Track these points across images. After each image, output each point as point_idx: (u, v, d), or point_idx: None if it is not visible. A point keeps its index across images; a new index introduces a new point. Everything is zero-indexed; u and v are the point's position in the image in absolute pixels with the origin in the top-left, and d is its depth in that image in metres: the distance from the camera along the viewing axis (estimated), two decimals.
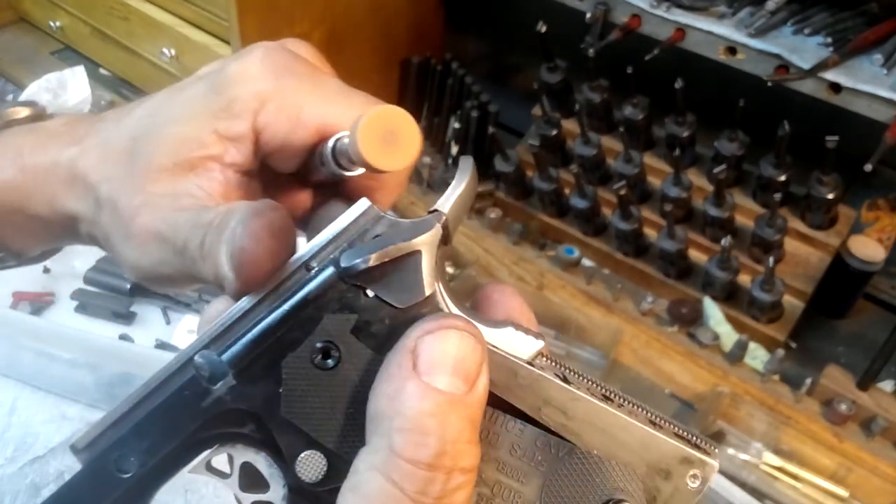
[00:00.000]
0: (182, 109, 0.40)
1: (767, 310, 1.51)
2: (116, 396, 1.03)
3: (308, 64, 0.42)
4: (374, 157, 0.33)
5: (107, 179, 0.40)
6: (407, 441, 0.29)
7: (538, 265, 1.69)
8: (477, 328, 0.31)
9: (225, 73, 0.40)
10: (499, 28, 2.07)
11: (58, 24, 2.28)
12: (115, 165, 0.40)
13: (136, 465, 0.31)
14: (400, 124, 0.34)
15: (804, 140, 1.43)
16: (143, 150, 0.40)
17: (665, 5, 1.47)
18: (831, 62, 1.32)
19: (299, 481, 0.32)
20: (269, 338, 0.31)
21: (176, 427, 0.31)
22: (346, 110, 0.40)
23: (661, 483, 0.33)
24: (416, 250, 0.32)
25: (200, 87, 0.41)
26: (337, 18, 1.85)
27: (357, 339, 0.32)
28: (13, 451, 0.97)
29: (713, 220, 1.58)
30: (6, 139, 0.44)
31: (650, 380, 1.54)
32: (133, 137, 0.41)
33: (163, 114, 0.41)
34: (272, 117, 0.39)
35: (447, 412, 0.29)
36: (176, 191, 0.39)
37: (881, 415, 1.37)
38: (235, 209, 0.35)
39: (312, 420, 0.32)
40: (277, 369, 0.31)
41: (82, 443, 0.31)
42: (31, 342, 1.05)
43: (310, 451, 0.32)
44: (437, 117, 1.96)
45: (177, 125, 0.40)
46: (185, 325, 1.28)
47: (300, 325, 0.32)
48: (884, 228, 1.56)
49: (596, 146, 1.69)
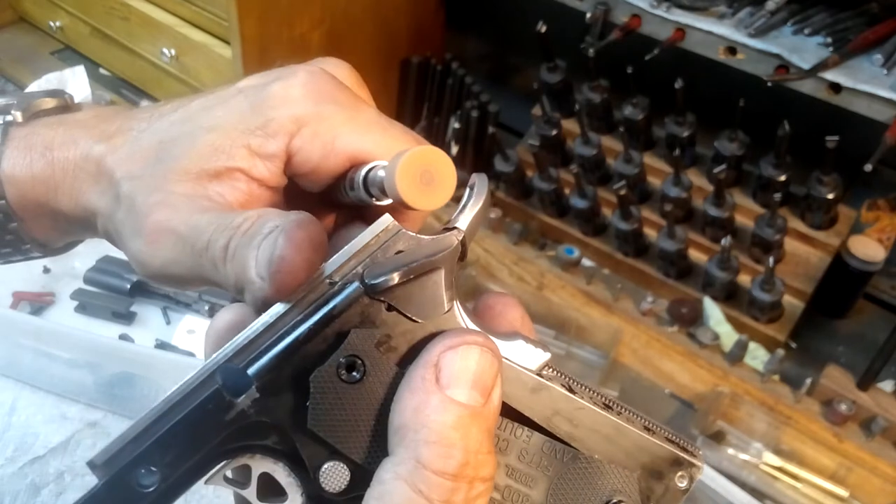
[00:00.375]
0: (217, 121, 0.40)
1: (767, 310, 1.51)
2: (116, 396, 1.03)
3: (348, 92, 0.42)
4: (411, 195, 0.34)
5: (130, 177, 0.40)
6: (433, 453, 0.30)
7: (538, 265, 1.69)
8: (494, 344, 0.33)
9: (267, 91, 0.40)
10: (499, 28, 2.07)
11: (58, 24, 2.28)
12: (140, 165, 0.41)
13: (157, 480, 0.31)
14: (439, 166, 0.34)
15: (804, 140, 1.43)
16: (171, 154, 0.40)
17: (665, 5, 1.47)
18: (831, 62, 1.32)
19: (320, 491, 0.32)
20: (296, 352, 0.32)
21: (199, 440, 0.31)
22: (381, 142, 0.40)
23: (654, 484, 0.35)
24: (437, 267, 0.33)
25: (240, 101, 0.41)
26: (337, 18, 1.85)
27: (380, 352, 0.33)
28: (13, 451, 0.97)
29: (713, 220, 1.58)
30: (37, 130, 0.44)
31: (650, 380, 1.54)
32: (162, 140, 0.41)
33: (197, 121, 0.41)
34: (307, 142, 0.40)
35: (469, 425, 0.31)
36: (196, 193, 0.39)
37: (881, 415, 1.37)
38: (269, 216, 0.35)
39: (337, 432, 0.32)
40: (303, 382, 0.32)
41: (101, 458, 0.31)
42: (32, 342, 1.05)
43: (333, 463, 0.32)
44: (437, 117, 1.96)
45: (209, 134, 0.40)
46: (185, 325, 1.28)
47: (326, 339, 0.32)
48: (884, 228, 1.56)
49: (596, 146, 1.69)
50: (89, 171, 0.42)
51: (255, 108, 0.40)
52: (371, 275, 0.32)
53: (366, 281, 0.32)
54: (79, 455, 0.98)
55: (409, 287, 0.33)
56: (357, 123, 0.40)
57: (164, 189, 0.39)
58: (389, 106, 2.06)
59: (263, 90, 0.41)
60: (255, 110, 0.40)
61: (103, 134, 0.43)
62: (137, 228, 0.39)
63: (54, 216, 0.44)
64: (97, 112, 0.46)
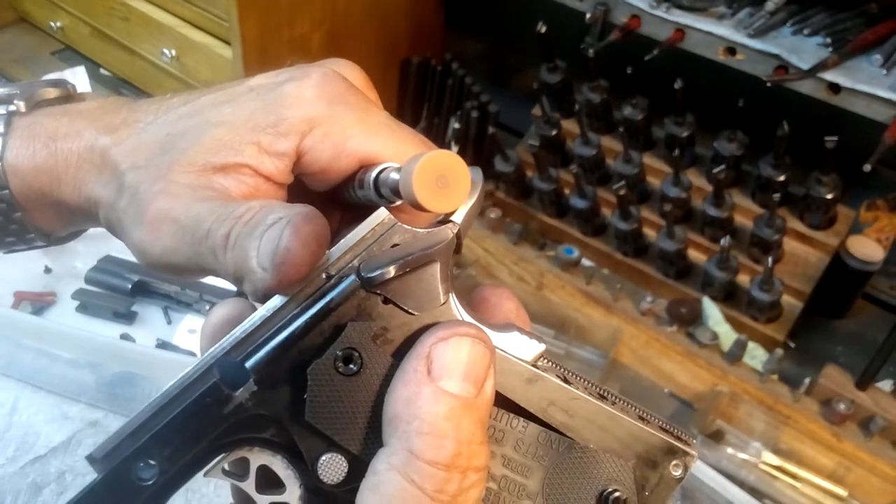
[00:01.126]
0: (227, 116, 0.41)
1: (766, 309, 1.52)
2: (117, 396, 1.03)
3: (359, 94, 0.42)
4: (427, 198, 0.34)
5: (134, 167, 0.41)
6: (425, 443, 0.30)
7: (538, 265, 1.69)
8: (486, 335, 0.33)
9: (280, 91, 0.41)
10: (499, 28, 2.07)
11: (58, 24, 2.29)
12: (146, 156, 0.41)
13: (156, 473, 0.31)
14: (454, 169, 0.35)
15: (803, 140, 1.44)
16: (178, 146, 0.40)
17: (665, 6, 1.47)
18: (830, 62, 1.32)
19: (318, 483, 0.33)
20: (293, 345, 0.32)
21: (198, 434, 0.32)
22: (392, 144, 0.41)
23: (648, 472, 0.36)
24: (433, 260, 0.34)
25: (251, 99, 0.41)
26: (337, 19, 1.85)
27: (377, 345, 0.33)
28: (14, 451, 0.98)
29: (712, 221, 1.58)
30: (40, 120, 0.44)
31: (649, 379, 1.54)
32: (170, 133, 0.41)
33: (206, 116, 0.41)
34: (318, 142, 0.40)
35: (461, 416, 0.31)
36: (199, 183, 0.39)
37: (880, 414, 1.38)
38: (272, 208, 0.35)
39: (335, 424, 0.33)
40: (300, 375, 0.32)
41: (100, 453, 0.31)
42: (33, 342, 1.06)
43: (331, 455, 0.33)
44: (437, 117, 1.97)
45: (217, 129, 0.40)
46: (186, 324, 1.28)
47: (323, 333, 0.32)
48: (882, 228, 1.56)
49: (596, 146, 1.69)
50: (94, 162, 0.42)
51: (268, 106, 0.40)
52: (367, 268, 0.33)
53: (362, 274, 0.33)
54: (80, 454, 0.98)
55: (406, 280, 0.33)
56: (367, 126, 0.41)
57: (167, 178, 0.39)
58: (389, 106, 2.05)
59: (276, 89, 0.41)
60: (268, 108, 0.40)
61: (109, 126, 0.43)
62: (139, 217, 0.39)
63: (57, 206, 0.44)
64: (101, 103, 0.45)
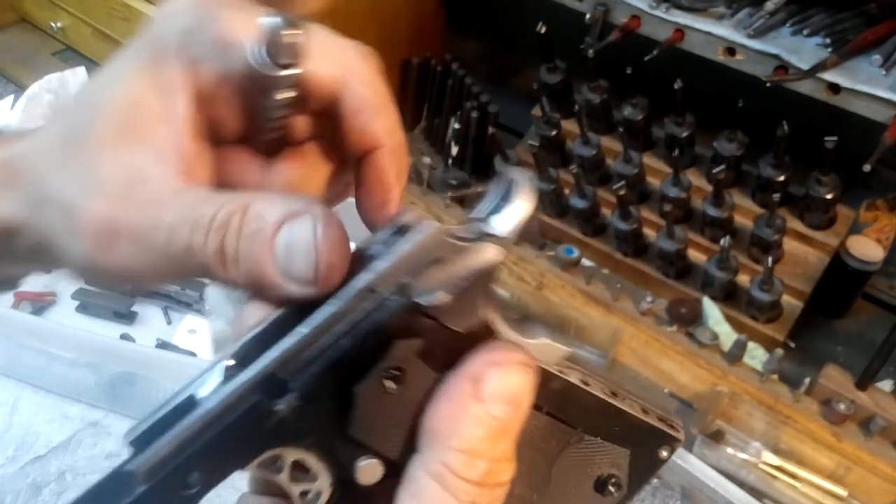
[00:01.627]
0: (113, 75, 0.37)
1: (766, 309, 1.52)
2: (117, 396, 1.03)
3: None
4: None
5: (48, 167, 0.36)
6: (460, 461, 0.32)
7: (538, 265, 1.69)
8: (534, 360, 0.34)
9: (150, 18, 0.38)
10: (499, 28, 2.07)
11: (59, 24, 2.29)
12: (58, 155, 0.36)
13: (199, 482, 0.32)
14: None
15: (803, 140, 1.44)
16: (81, 127, 0.36)
17: (664, 6, 1.48)
18: (830, 63, 1.32)
19: (353, 481, 0.34)
20: (340, 364, 0.32)
21: (241, 450, 0.32)
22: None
23: (641, 456, 0.40)
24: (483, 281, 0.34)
25: (129, 47, 0.37)
26: (337, 19, 1.84)
27: (420, 361, 0.33)
28: (14, 451, 0.98)
29: (712, 221, 1.58)
30: None
31: (649, 379, 1.54)
32: (69, 119, 0.37)
33: (94, 87, 0.38)
34: (203, 49, 0.36)
35: (498, 438, 0.32)
36: (129, 172, 0.35)
37: (880, 414, 1.37)
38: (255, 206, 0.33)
39: (377, 435, 0.33)
40: (345, 391, 0.33)
41: (144, 465, 0.31)
42: (33, 342, 1.06)
43: (368, 460, 0.34)
44: (437, 118, 1.97)
45: (109, 90, 0.36)
46: (186, 324, 1.28)
47: (369, 351, 0.33)
48: (882, 228, 1.56)
49: (595, 146, 1.69)
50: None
51: (144, 38, 0.37)
52: (419, 292, 0.33)
53: (415, 300, 0.33)
54: (80, 454, 0.98)
55: (454, 300, 0.34)
56: (247, 12, 0.37)
57: (94, 174, 0.35)
58: None
59: (148, 20, 0.38)
60: (145, 41, 0.37)
61: (9, 139, 0.39)
62: (73, 227, 0.34)
63: None
64: (14, 130, 0.41)
